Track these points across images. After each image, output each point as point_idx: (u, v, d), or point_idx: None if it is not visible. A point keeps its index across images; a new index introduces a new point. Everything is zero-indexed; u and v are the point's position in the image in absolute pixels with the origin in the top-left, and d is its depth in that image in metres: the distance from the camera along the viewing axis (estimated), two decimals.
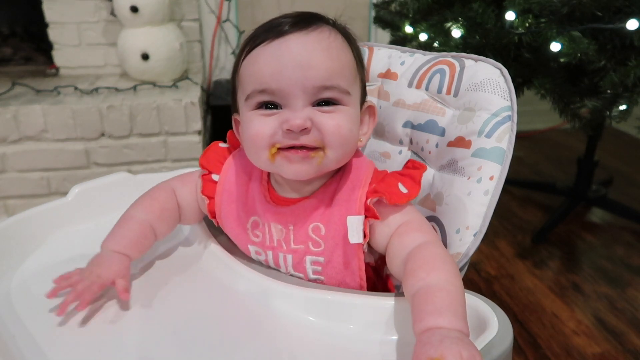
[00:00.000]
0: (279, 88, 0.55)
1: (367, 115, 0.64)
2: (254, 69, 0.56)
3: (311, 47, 0.55)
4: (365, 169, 0.62)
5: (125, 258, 0.61)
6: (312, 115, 0.55)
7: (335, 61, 0.56)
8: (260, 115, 0.57)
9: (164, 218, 0.66)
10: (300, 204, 0.61)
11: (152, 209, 0.66)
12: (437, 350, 0.42)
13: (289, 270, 0.63)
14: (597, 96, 1.25)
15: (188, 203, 0.68)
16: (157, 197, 0.67)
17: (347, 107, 0.57)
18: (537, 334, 1.27)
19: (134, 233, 0.63)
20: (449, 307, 0.47)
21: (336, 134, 0.56)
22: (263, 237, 0.63)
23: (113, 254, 0.61)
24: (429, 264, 0.52)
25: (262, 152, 0.57)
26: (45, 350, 0.51)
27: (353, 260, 0.59)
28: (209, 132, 1.93)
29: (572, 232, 1.73)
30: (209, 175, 0.66)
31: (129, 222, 0.64)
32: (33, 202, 1.71)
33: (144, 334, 0.55)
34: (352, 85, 0.58)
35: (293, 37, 0.55)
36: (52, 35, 1.92)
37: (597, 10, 1.17)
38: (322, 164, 0.56)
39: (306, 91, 0.54)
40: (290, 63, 0.54)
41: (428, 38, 1.41)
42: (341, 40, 0.58)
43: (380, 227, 0.58)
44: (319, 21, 0.58)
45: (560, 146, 2.49)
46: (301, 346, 0.53)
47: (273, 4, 2.11)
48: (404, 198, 0.58)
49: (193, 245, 0.71)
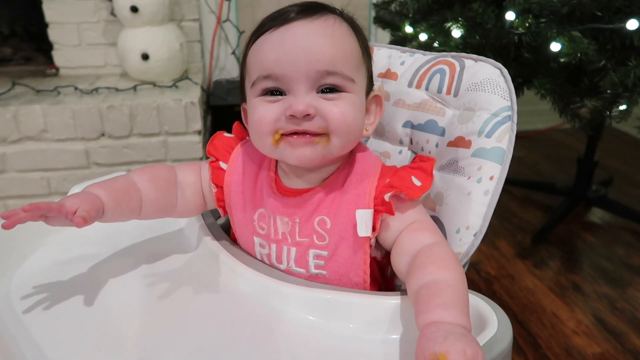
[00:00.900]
0: (282, 74, 0.55)
1: (373, 104, 0.64)
2: (260, 55, 0.57)
3: (315, 33, 0.55)
4: (373, 162, 0.62)
5: (97, 199, 0.58)
6: (315, 102, 0.55)
7: (339, 48, 0.56)
8: (265, 102, 0.57)
9: (155, 183, 0.64)
10: (307, 195, 0.61)
11: (144, 172, 0.64)
12: (442, 346, 0.43)
13: (290, 265, 0.63)
14: (597, 96, 1.24)
15: (191, 184, 0.66)
16: (154, 168, 0.66)
17: (352, 95, 0.57)
18: (537, 334, 1.27)
19: (116, 184, 0.61)
20: (456, 304, 0.48)
21: (341, 121, 0.56)
22: (268, 229, 0.63)
23: (87, 193, 0.59)
24: (440, 261, 0.53)
25: (266, 137, 0.57)
26: (45, 350, 0.51)
27: (359, 255, 0.59)
28: (209, 132, 1.93)
29: (572, 232, 1.73)
30: (217, 163, 0.66)
31: (116, 177, 0.63)
32: (33, 202, 1.70)
33: (144, 334, 0.55)
34: (357, 73, 0.58)
35: (297, 24, 0.56)
36: (52, 35, 1.92)
37: (597, 10, 1.17)
38: (326, 149, 0.56)
39: (309, 77, 0.55)
40: (293, 49, 0.55)
41: (428, 38, 1.41)
42: (346, 29, 0.58)
43: (393, 222, 0.59)
44: (325, 10, 0.58)
45: (560, 146, 2.49)
46: (301, 346, 0.53)
47: (273, 4, 2.10)
48: (419, 191, 0.58)
49: (193, 245, 0.71)
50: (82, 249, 0.71)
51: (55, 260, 0.68)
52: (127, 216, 0.63)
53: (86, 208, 0.55)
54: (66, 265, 0.68)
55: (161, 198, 0.64)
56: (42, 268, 0.67)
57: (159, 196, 0.64)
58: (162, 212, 0.66)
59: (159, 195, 0.64)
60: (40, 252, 0.70)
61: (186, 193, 0.66)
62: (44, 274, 0.65)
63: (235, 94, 1.98)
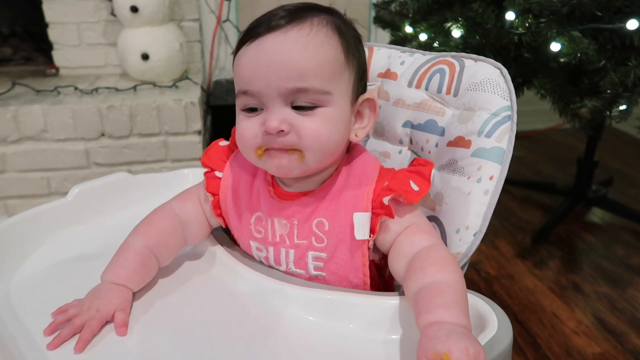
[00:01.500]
0: (257, 90, 0.55)
1: (367, 108, 0.62)
2: (238, 69, 0.58)
3: (286, 47, 0.54)
4: (372, 165, 0.62)
5: (126, 290, 0.58)
6: (289, 117, 0.55)
7: (310, 60, 0.54)
8: (245, 117, 0.58)
9: (164, 242, 0.64)
10: (305, 198, 0.61)
11: (149, 235, 0.63)
12: (444, 345, 0.43)
13: (289, 267, 0.63)
14: (597, 96, 1.25)
15: (194, 217, 0.67)
16: (154, 221, 0.65)
17: (327, 108, 0.56)
18: (537, 334, 1.27)
19: (132, 263, 0.60)
20: (456, 304, 0.48)
21: (314, 138, 0.55)
22: (265, 232, 0.63)
23: (113, 286, 0.58)
24: (440, 263, 0.53)
25: (249, 152, 0.59)
26: (45, 350, 0.51)
27: (357, 257, 0.59)
28: (209, 132, 1.93)
29: (572, 232, 1.73)
30: (212, 173, 0.66)
31: (126, 251, 0.61)
32: (33, 202, 1.71)
33: (144, 334, 0.55)
34: (334, 82, 0.56)
35: (269, 38, 0.55)
36: (52, 35, 1.92)
37: (597, 10, 1.17)
38: (303, 163, 0.56)
39: (281, 92, 0.54)
40: (264, 66, 0.54)
41: (428, 38, 1.41)
42: (324, 35, 0.56)
43: (391, 225, 0.59)
44: (307, 14, 0.56)
45: (560, 146, 2.49)
46: (301, 346, 0.53)
47: (273, 4, 2.10)
48: (417, 196, 0.58)
49: (193, 245, 0.71)
50: (82, 249, 0.71)
51: (55, 260, 0.68)
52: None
53: (122, 308, 0.56)
54: (66, 265, 0.68)
55: (172, 249, 0.65)
56: (42, 268, 0.67)
57: (170, 250, 0.65)
58: (175, 255, 0.67)
59: (169, 250, 0.65)
60: (40, 252, 0.70)
61: (192, 228, 0.67)
62: (44, 274, 0.66)
63: None
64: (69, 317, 0.54)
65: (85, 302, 0.56)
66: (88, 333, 0.53)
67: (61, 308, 0.56)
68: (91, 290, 0.58)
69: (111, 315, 0.56)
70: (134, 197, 0.82)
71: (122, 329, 0.55)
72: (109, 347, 0.53)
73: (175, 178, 0.87)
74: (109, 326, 0.55)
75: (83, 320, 0.54)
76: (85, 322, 0.54)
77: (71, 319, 0.54)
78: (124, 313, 0.56)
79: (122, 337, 0.54)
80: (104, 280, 0.59)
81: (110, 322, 0.56)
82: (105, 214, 0.79)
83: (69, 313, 0.55)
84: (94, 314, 0.54)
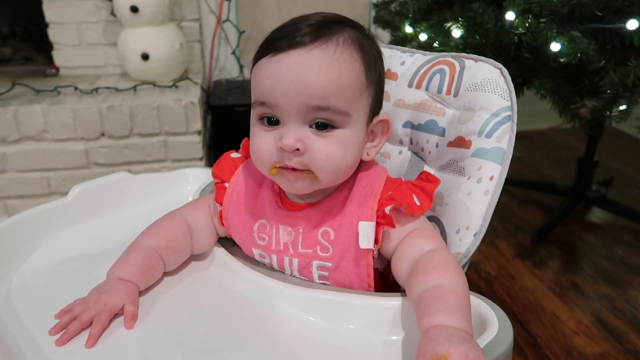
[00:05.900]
0: (276, 104, 0.55)
1: (380, 127, 0.62)
2: (257, 79, 0.57)
3: (310, 66, 0.53)
4: (378, 176, 0.61)
5: (133, 285, 0.58)
6: (305, 136, 0.55)
7: (334, 81, 0.54)
8: (262, 130, 0.57)
9: (172, 248, 0.64)
10: (312, 209, 0.61)
11: (159, 239, 0.63)
12: (444, 348, 0.43)
13: (294, 275, 0.63)
14: (597, 96, 1.25)
15: (204, 227, 0.67)
16: (165, 226, 0.65)
17: (344, 130, 0.56)
18: (537, 334, 1.27)
19: (140, 262, 0.60)
20: (458, 308, 0.48)
21: (326, 162, 0.55)
22: (269, 240, 0.63)
23: (119, 281, 0.58)
24: (443, 267, 0.53)
25: (264, 167, 0.58)
26: (45, 350, 0.51)
27: (362, 267, 0.59)
28: (209, 132, 1.93)
29: (572, 232, 1.73)
30: (222, 184, 0.67)
31: (135, 251, 0.62)
32: (33, 202, 1.71)
33: (145, 334, 0.55)
34: (355, 104, 0.56)
35: (293, 55, 0.54)
36: (52, 35, 1.92)
37: (597, 10, 1.17)
38: (315, 182, 0.57)
39: (301, 110, 0.54)
40: (286, 81, 0.54)
41: (428, 38, 1.41)
42: (348, 56, 0.55)
43: (394, 234, 0.59)
44: (333, 30, 0.55)
45: (560, 146, 2.49)
46: (302, 346, 0.53)
47: (273, 4, 2.11)
48: (418, 210, 0.58)
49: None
50: (82, 249, 0.71)
51: (55, 260, 0.68)
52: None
53: (130, 300, 0.57)
54: (66, 265, 0.68)
55: (179, 255, 0.65)
56: (42, 268, 0.67)
57: (177, 256, 0.65)
58: (181, 262, 0.66)
59: (177, 256, 0.65)
60: (40, 252, 0.70)
61: (200, 237, 0.67)
62: (44, 274, 0.66)
63: (235, 94, 1.98)
64: (75, 315, 0.54)
65: (90, 298, 0.56)
66: (98, 328, 0.53)
67: (64, 309, 0.56)
68: (96, 287, 0.58)
69: (120, 307, 0.56)
70: (134, 197, 0.82)
71: (130, 322, 0.55)
72: (108, 345, 0.53)
73: (175, 178, 0.87)
74: (109, 325, 0.55)
75: (91, 315, 0.54)
76: (94, 316, 0.54)
77: (77, 317, 0.54)
78: (133, 305, 0.56)
79: (121, 336, 0.54)
80: (110, 276, 0.59)
81: (114, 319, 0.55)
82: (105, 214, 0.79)
83: (74, 312, 0.55)
84: (102, 308, 0.54)
